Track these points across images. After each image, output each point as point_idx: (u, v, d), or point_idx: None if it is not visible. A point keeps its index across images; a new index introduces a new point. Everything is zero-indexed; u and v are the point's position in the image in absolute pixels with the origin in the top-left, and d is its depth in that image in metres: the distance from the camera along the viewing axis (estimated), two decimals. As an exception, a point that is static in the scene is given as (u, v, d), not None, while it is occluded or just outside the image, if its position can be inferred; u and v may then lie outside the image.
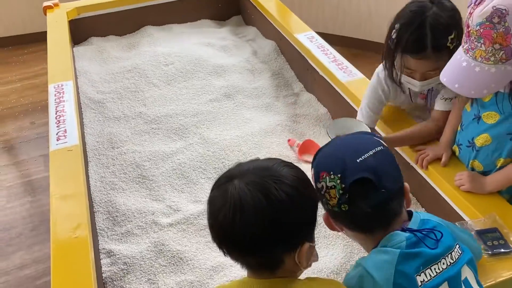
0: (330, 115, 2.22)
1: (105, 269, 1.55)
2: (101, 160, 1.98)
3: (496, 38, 1.10)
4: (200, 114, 2.20)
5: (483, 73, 1.15)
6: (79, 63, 2.59)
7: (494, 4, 1.10)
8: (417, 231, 0.96)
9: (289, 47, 2.50)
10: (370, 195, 0.94)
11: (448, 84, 1.23)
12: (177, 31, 2.91)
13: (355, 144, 1.00)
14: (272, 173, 0.90)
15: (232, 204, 0.87)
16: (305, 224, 0.92)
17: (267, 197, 0.86)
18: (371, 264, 0.94)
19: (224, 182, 0.92)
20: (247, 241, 0.87)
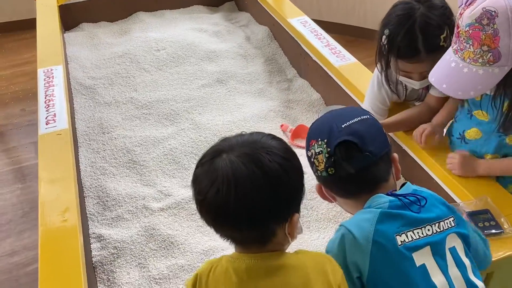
0: (323, 100, 2.20)
1: (95, 253, 1.53)
2: (92, 146, 1.96)
3: (485, 40, 1.10)
4: (192, 100, 2.18)
5: (471, 74, 1.14)
6: (70, 49, 2.56)
7: (484, 6, 1.09)
8: (402, 196, 0.97)
9: (282, 32, 2.48)
10: (354, 157, 0.97)
11: (436, 84, 1.23)
12: (169, 17, 2.88)
13: (342, 113, 1.05)
14: (262, 145, 0.88)
15: (225, 178, 0.84)
16: (296, 194, 0.91)
17: (261, 169, 0.84)
18: (352, 222, 0.96)
19: (210, 158, 0.88)
20: (243, 215, 0.85)
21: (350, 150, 0.97)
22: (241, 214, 0.85)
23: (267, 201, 0.85)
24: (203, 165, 0.89)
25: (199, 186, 0.88)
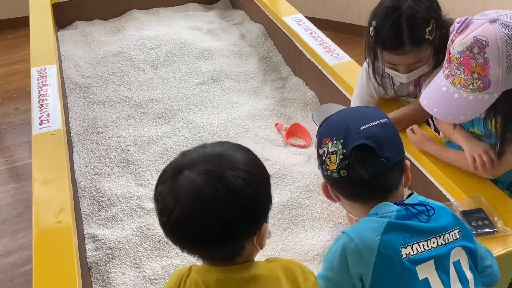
0: (317, 99, 2.20)
1: (89, 254, 1.53)
2: (86, 145, 1.95)
3: (475, 68, 1.12)
4: (187, 98, 2.18)
5: (461, 99, 1.16)
6: (64, 48, 2.55)
7: (475, 35, 1.11)
8: (410, 205, 0.95)
9: (277, 30, 2.48)
10: (369, 162, 0.94)
11: (427, 108, 1.24)
12: (163, 14, 2.87)
13: (360, 113, 1.02)
14: (225, 160, 0.84)
15: (188, 198, 0.81)
16: (264, 205, 0.88)
17: (225, 186, 0.81)
18: (356, 231, 0.94)
19: (172, 174, 0.84)
20: (209, 235, 0.82)
21: (366, 155, 0.94)
22: (207, 234, 0.82)
23: (233, 218, 0.82)
24: (164, 182, 0.85)
25: (162, 205, 0.84)
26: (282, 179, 1.77)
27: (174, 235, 0.86)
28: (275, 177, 1.78)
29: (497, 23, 1.10)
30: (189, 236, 0.84)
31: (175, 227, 0.84)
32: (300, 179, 1.76)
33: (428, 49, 1.46)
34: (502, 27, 1.09)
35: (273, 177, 1.77)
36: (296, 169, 1.80)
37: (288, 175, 1.78)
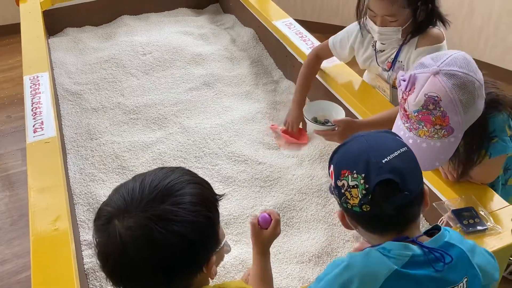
0: (309, 100, 2.22)
1: (86, 260, 1.54)
2: (80, 152, 1.96)
3: (436, 121, 1.16)
4: (180, 103, 2.19)
5: (430, 148, 1.20)
6: (55, 55, 2.55)
7: (426, 92, 1.15)
8: (428, 249, 0.91)
9: (268, 34, 2.50)
10: (393, 197, 0.91)
11: None
12: (154, 20, 2.88)
13: (380, 144, 0.96)
14: (158, 211, 0.81)
15: (117, 254, 0.81)
16: (206, 247, 0.86)
17: (152, 245, 0.79)
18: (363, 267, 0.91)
19: (104, 222, 0.83)
20: (144, 286, 0.83)
21: (390, 189, 0.90)
22: (144, 285, 0.83)
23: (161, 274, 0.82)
24: (99, 229, 0.85)
25: (98, 254, 0.85)
26: (276, 182, 1.79)
27: (112, 281, 0.86)
28: (269, 180, 1.80)
29: (440, 75, 1.14)
30: (128, 284, 0.84)
31: (112, 275, 0.85)
32: (294, 181, 1.78)
33: (406, 11, 1.53)
34: (447, 78, 1.13)
35: (267, 180, 1.79)
36: (290, 172, 1.82)
37: (282, 177, 1.80)
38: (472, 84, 1.14)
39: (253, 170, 1.83)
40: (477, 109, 1.18)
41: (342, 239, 1.56)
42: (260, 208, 1.68)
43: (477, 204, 1.32)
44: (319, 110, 1.77)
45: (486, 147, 1.30)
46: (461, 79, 1.13)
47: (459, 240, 0.97)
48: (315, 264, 1.49)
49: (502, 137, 1.28)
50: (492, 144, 1.29)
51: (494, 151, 1.29)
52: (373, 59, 1.78)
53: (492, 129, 1.28)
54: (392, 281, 0.88)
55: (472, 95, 1.15)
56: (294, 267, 1.47)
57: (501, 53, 3.14)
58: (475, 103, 1.16)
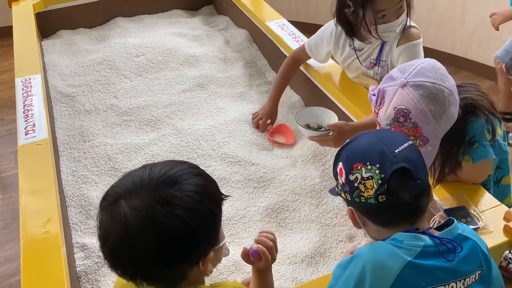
0: (303, 102, 2.23)
1: (79, 263, 1.53)
2: (73, 154, 1.95)
3: (408, 132, 1.16)
4: (173, 105, 2.18)
5: None
6: (48, 57, 2.54)
7: (395, 106, 1.16)
8: (440, 239, 0.92)
9: (261, 35, 2.50)
10: (408, 185, 0.92)
11: None
12: (148, 22, 2.87)
13: (389, 137, 0.98)
14: (165, 194, 0.82)
15: (119, 232, 0.82)
16: (206, 239, 0.88)
17: (155, 226, 0.81)
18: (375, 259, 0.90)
19: (111, 202, 0.85)
20: (143, 267, 0.83)
21: (405, 178, 0.92)
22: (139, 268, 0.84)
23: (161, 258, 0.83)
24: (104, 208, 0.86)
25: (101, 232, 0.86)
26: (269, 182, 1.79)
27: (109, 261, 0.87)
28: (262, 181, 1.79)
29: (408, 87, 1.14)
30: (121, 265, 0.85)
31: (110, 256, 0.86)
32: (287, 182, 1.77)
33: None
34: (414, 90, 1.14)
35: (261, 181, 1.79)
36: (283, 173, 1.81)
37: (276, 178, 1.80)
38: (441, 92, 1.14)
39: (246, 171, 1.82)
40: (450, 116, 1.18)
41: (335, 239, 1.56)
42: (254, 209, 1.68)
43: (469, 203, 1.32)
44: (311, 117, 1.76)
45: (469, 152, 1.31)
46: (429, 89, 1.14)
47: (473, 233, 0.99)
48: (308, 264, 1.48)
49: (482, 142, 1.29)
50: (473, 149, 1.30)
51: (476, 156, 1.30)
52: (353, 58, 1.79)
53: (472, 135, 1.29)
54: (406, 273, 0.88)
55: (442, 103, 1.15)
56: (287, 268, 1.47)
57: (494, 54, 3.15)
58: (446, 110, 1.16)
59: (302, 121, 1.73)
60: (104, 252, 0.87)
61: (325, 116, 1.76)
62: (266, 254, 1.07)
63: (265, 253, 1.07)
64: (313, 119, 1.76)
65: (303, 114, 1.78)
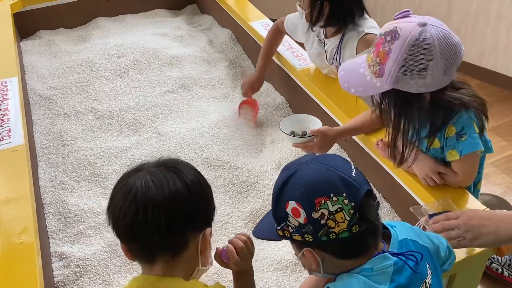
0: (288, 103, 2.20)
1: (57, 273, 1.48)
2: (51, 159, 1.90)
3: (380, 53, 1.16)
4: (155, 107, 2.14)
5: (361, 76, 1.22)
6: (27, 58, 2.48)
7: (397, 25, 1.15)
8: (405, 255, 0.90)
9: (245, 35, 2.46)
10: (373, 206, 0.88)
11: (340, 69, 1.30)
12: (130, 22, 2.82)
13: (335, 161, 0.90)
14: (177, 162, 0.98)
15: (142, 184, 0.91)
16: (209, 207, 0.99)
17: (178, 175, 0.93)
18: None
19: (129, 175, 0.96)
20: (160, 219, 0.90)
21: (369, 199, 0.88)
22: (159, 218, 0.89)
23: (183, 205, 0.92)
24: (120, 182, 0.97)
25: (116, 198, 0.94)
26: (253, 187, 1.76)
27: (124, 221, 0.91)
28: (246, 185, 1.76)
29: (420, 28, 1.11)
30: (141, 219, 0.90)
31: (126, 214, 0.91)
32: (271, 186, 1.72)
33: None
34: (419, 34, 1.11)
35: (244, 185, 1.76)
36: (267, 177, 1.78)
37: (259, 182, 1.77)
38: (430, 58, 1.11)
39: (229, 176, 1.79)
40: (417, 82, 1.13)
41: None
42: (237, 215, 1.65)
43: (454, 207, 1.30)
44: (296, 123, 1.72)
45: (456, 145, 1.28)
46: (428, 45, 1.10)
47: (405, 231, 0.98)
48: (292, 271, 1.45)
49: (471, 134, 1.26)
50: (461, 142, 1.27)
51: (464, 148, 1.27)
52: (323, 54, 1.83)
53: (461, 127, 1.26)
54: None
55: (422, 65, 1.11)
56: (271, 275, 1.44)
57: (478, 53, 3.15)
58: (420, 74, 1.12)
59: (286, 128, 1.69)
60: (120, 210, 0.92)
61: (309, 122, 1.72)
62: (234, 254, 1.08)
63: (232, 252, 1.08)
64: (297, 125, 1.72)
65: (287, 121, 1.73)
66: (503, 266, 1.96)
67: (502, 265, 1.97)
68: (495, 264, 1.97)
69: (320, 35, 1.81)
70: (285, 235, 0.90)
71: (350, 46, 1.69)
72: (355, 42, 1.67)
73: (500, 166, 2.56)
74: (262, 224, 1.00)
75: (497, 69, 3.13)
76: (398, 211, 1.60)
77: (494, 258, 1.97)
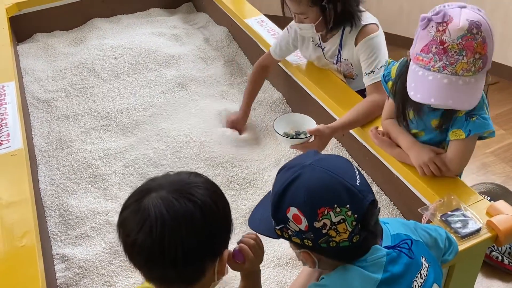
0: (284, 99, 2.20)
1: (59, 274, 1.50)
2: (51, 162, 1.90)
3: (477, 48, 1.16)
4: (153, 107, 2.15)
5: (467, 84, 1.18)
6: (24, 62, 2.48)
7: (467, 18, 1.16)
8: (397, 247, 0.91)
9: (241, 32, 2.46)
10: (374, 213, 0.88)
11: (441, 105, 1.23)
12: (125, 22, 2.82)
13: (339, 167, 0.88)
14: (190, 181, 0.87)
15: (159, 215, 0.81)
16: (228, 227, 0.90)
17: (194, 203, 0.83)
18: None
19: (138, 198, 0.85)
20: (178, 254, 0.82)
21: (372, 208, 0.86)
22: (176, 253, 0.82)
23: (202, 236, 0.83)
24: (129, 206, 0.86)
25: (129, 227, 0.84)
26: (252, 183, 1.76)
27: (141, 256, 0.85)
28: (245, 182, 1.77)
29: (471, 8, 1.18)
30: (157, 255, 0.83)
31: (143, 247, 0.83)
32: (270, 183, 1.73)
33: (315, 10, 1.62)
34: (477, 11, 1.18)
35: (243, 183, 1.76)
36: (266, 173, 1.79)
37: (258, 179, 1.78)
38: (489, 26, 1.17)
39: (228, 173, 1.79)
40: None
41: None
42: (236, 212, 1.65)
43: (460, 203, 1.29)
44: (289, 123, 1.71)
45: (462, 125, 1.28)
46: (483, 16, 1.17)
47: (398, 226, 0.98)
48: (293, 267, 1.46)
49: (482, 114, 1.27)
50: (471, 122, 1.27)
51: (474, 128, 1.27)
52: (320, 55, 1.83)
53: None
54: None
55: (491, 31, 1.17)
56: (272, 271, 1.45)
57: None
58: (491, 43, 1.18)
59: (280, 129, 1.68)
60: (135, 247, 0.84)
61: (302, 122, 1.70)
62: (248, 252, 1.03)
63: (247, 250, 1.03)
64: (290, 126, 1.71)
65: (280, 122, 1.71)
66: (503, 255, 1.97)
67: (502, 254, 1.98)
68: (495, 253, 1.98)
69: (316, 39, 1.80)
70: (283, 236, 0.91)
71: (350, 40, 1.69)
72: (354, 35, 1.67)
73: (499, 155, 2.57)
74: (259, 215, 1.00)
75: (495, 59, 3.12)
76: (396, 204, 1.60)
77: (494, 247, 1.98)
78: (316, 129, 1.58)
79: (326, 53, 1.81)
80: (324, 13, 1.63)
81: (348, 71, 1.79)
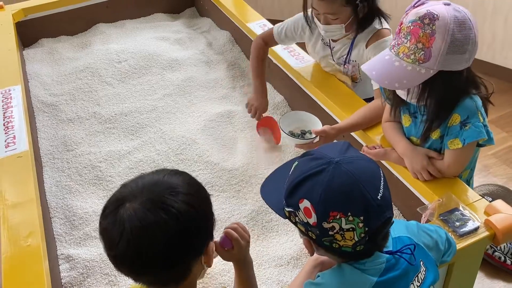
0: (287, 102, 2.22)
1: (64, 274, 1.52)
2: (56, 164, 1.93)
3: (421, 37, 1.17)
4: (156, 110, 2.17)
5: (400, 68, 1.21)
6: (30, 66, 2.52)
7: (429, 9, 1.18)
8: (399, 252, 0.92)
9: (243, 36, 2.49)
10: (386, 229, 0.88)
11: (366, 70, 1.29)
12: (130, 27, 2.86)
13: (366, 173, 0.85)
14: (164, 187, 0.88)
15: (133, 229, 0.83)
16: (207, 225, 0.93)
17: (169, 213, 0.84)
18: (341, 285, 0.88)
19: (114, 208, 0.87)
20: (159, 261, 0.85)
21: (386, 224, 0.86)
22: (156, 260, 0.85)
23: (180, 242, 0.85)
24: (107, 217, 0.88)
25: (108, 240, 0.87)
26: (254, 185, 1.78)
27: (124, 266, 0.89)
28: (247, 184, 1.79)
29: (450, 7, 1.18)
30: (138, 265, 0.86)
31: (125, 259, 0.87)
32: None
33: (348, 9, 1.59)
34: (453, 10, 1.17)
35: (244, 183, 1.78)
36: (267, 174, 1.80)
37: (260, 180, 1.79)
38: (470, 31, 1.17)
39: (230, 175, 1.82)
40: (459, 59, 1.18)
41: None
42: (238, 213, 1.67)
43: (458, 202, 1.31)
44: (295, 122, 1.74)
45: (459, 134, 1.29)
46: (464, 19, 1.16)
47: (399, 229, 0.99)
48: (293, 266, 1.48)
49: (474, 122, 1.28)
50: (465, 131, 1.29)
51: (468, 137, 1.29)
52: (327, 54, 1.83)
53: (466, 116, 1.28)
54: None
55: (465, 40, 1.16)
56: (273, 271, 1.46)
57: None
58: (462, 50, 1.17)
59: (285, 127, 1.71)
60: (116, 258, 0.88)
61: (308, 121, 1.73)
62: (233, 233, 1.08)
63: (232, 233, 1.07)
64: (296, 124, 1.73)
65: (286, 119, 1.74)
66: (506, 255, 1.98)
67: (505, 254, 1.98)
68: (498, 253, 1.99)
69: (325, 38, 1.80)
70: (290, 219, 0.92)
71: (362, 42, 1.69)
72: (368, 37, 1.67)
73: (500, 157, 2.58)
74: (272, 187, 1.00)
75: (496, 62, 3.14)
76: (396, 204, 1.62)
77: (497, 247, 1.99)
78: (322, 130, 1.59)
79: (334, 53, 1.80)
80: (356, 12, 1.61)
81: (354, 73, 1.80)
